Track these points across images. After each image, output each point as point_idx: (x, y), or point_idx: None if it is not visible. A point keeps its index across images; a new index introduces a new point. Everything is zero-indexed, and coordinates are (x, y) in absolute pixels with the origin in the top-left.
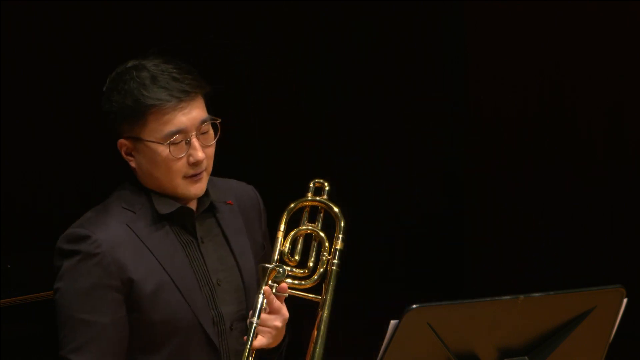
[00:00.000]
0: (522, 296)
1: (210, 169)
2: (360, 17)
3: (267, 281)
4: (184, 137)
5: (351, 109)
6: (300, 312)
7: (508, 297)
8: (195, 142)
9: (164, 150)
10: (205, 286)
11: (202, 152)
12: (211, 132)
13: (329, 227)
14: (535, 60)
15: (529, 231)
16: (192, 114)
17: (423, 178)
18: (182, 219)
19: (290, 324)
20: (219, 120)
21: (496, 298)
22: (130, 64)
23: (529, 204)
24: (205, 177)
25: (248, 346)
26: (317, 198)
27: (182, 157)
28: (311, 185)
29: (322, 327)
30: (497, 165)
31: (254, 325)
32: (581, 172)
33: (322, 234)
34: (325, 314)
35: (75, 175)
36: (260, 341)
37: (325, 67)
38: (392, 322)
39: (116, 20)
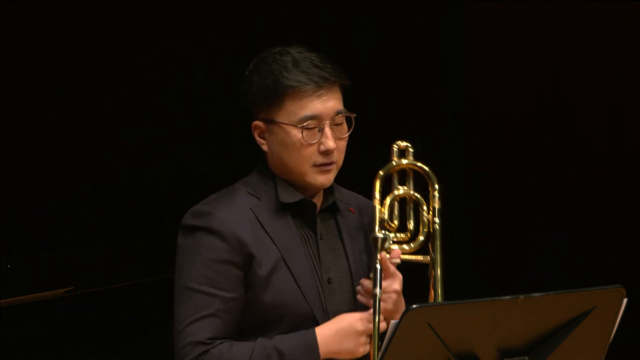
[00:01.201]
0: (522, 296)
1: (340, 163)
2: (360, 17)
3: (380, 250)
4: (317, 124)
5: (351, 109)
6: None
7: (508, 297)
8: (328, 130)
9: (297, 133)
10: (316, 281)
11: (334, 142)
12: (345, 125)
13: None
14: (535, 60)
15: (529, 231)
16: (328, 102)
17: (423, 178)
18: (304, 212)
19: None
20: (354, 115)
21: (496, 298)
22: (274, 49)
23: (529, 204)
24: (334, 170)
25: (377, 317)
26: (405, 161)
27: (313, 144)
28: (395, 148)
29: (438, 287)
30: (497, 165)
31: (378, 295)
32: (581, 172)
33: (417, 196)
34: (439, 273)
35: (75, 175)
36: (384, 307)
37: None
38: (392, 322)
39: (116, 20)
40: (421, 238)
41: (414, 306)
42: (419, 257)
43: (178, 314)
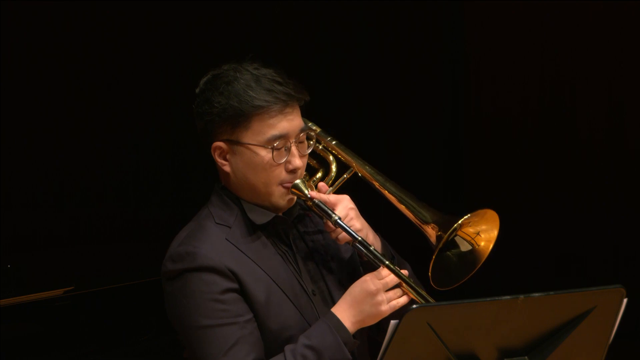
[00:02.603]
0: (522, 296)
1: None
2: (360, 17)
3: (307, 189)
4: (284, 144)
5: (351, 109)
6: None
7: (508, 297)
8: (294, 149)
9: (266, 154)
10: (306, 297)
11: (300, 160)
12: (306, 142)
13: None
14: (535, 60)
15: (529, 231)
16: (294, 120)
17: (423, 178)
18: (276, 229)
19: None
20: (317, 130)
21: (496, 298)
22: (226, 67)
23: (528, 204)
24: None
25: (357, 236)
26: None
27: (282, 163)
28: None
29: (380, 177)
30: (497, 165)
31: (337, 218)
32: (581, 172)
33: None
34: (368, 170)
35: (75, 175)
36: (355, 226)
37: (325, 67)
38: (392, 322)
39: (116, 21)
40: (332, 160)
41: (414, 306)
42: (344, 177)
43: (202, 355)
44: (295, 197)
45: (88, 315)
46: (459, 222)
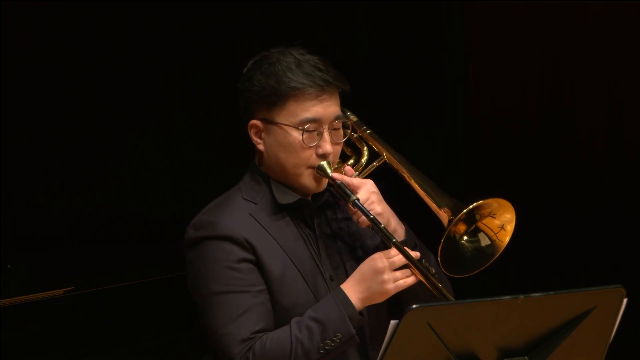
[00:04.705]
0: (522, 296)
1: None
2: (360, 17)
3: (331, 172)
4: (316, 128)
5: (351, 109)
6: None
7: (508, 297)
8: (326, 134)
9: (297, 135)
10: (322, 280)
11: (331, 146)
12: (341, 131)
13: None
14: (535, 60)
15: (529, 231)
16: (330, 107)
17: None
18: (302, 211)
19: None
20: (354, 120)
21: (496, 298)
22: (275, 50)
23: (528, 204)
24: None
25: (370, 214)
26: None
27: (312, 147)
28: None
29: (407, 165)
30: (497, 165)
31: (355, 199)
32: (580, 172)
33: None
34: (396, 159)
35: (75, 175)
36: (375, 210)
37: None
38: (392, 322)
39: (116, 20)
40: (365, 149)
41: (414, 306)
42: (373, 164)
43: (213, 321)
44: (326, 182)
45: (88, 315)
46: (469, 207)
